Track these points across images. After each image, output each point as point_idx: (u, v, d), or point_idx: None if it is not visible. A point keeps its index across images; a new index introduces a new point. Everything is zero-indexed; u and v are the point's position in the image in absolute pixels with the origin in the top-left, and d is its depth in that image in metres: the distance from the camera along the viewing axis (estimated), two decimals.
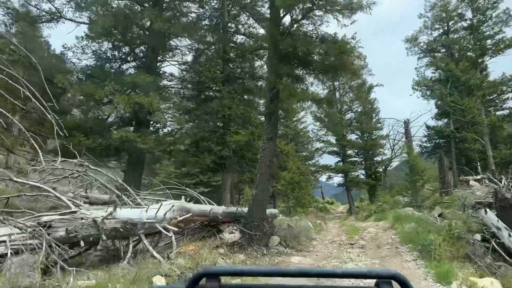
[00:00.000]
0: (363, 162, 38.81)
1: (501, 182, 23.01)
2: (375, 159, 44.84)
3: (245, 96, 20.37)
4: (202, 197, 12.80)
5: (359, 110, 38.17)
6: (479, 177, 26.68)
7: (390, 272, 0.87)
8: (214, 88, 20.02)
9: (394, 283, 0.87)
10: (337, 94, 37.75)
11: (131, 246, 9.09)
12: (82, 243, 8.00)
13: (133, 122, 16.51)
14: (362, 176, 40.61)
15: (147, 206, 9.70)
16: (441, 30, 35.16)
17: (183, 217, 10.58)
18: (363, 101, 37.38)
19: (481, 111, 25.81)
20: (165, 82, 19.11)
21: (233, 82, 20.33)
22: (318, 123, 38.89)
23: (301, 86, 12.56)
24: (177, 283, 7.09)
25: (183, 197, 11.68)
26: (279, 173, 29.57)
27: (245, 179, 41.78)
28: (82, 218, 8.13)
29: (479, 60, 29.58)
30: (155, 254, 8.98)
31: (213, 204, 12.79)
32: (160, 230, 9.57)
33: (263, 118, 18.72)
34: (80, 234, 7.96)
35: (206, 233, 12.20)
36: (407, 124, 29.41)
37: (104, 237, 8.37)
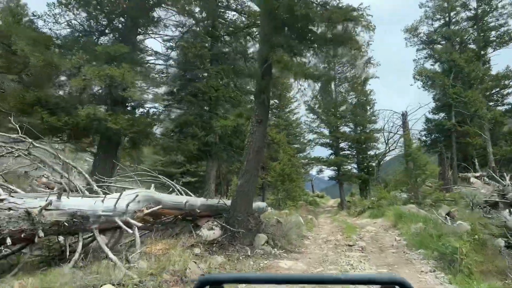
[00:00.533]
0: (356, 156, 37.14)
1: (504, 180, 21.46)
2: (369, 153, 43.36)
3: (235, 79, 18.38)
4: (178, 186, 10.88)
5: (354, 101, 36.39)
6: (478, 174, 25.17)
7: (394, 277, 0.85)
8: (201, 67, 18.00)
9: None
10: (332, 84, 35.89)
11: (80, 244, 7.17)
12: (8, 241, 6.06)
13: (108, 100, 14.46)
14: (354, 170, 38.99)
15: (103, 196, 7.76)
16: (442, 21, 33.43)
17: (151, 209, 8.67)
18: (359, 93, 35.59)
19: (485, 104, 24.20)
20: (146, 58, 17.01)
21: (222, 62, 18.33)
22: (311, 114, 36.98)
23: (298, 60, 10.62)
24: None
25: (152, 185, 9.73)
26: (270, 164, 27.70)
27: (234, 169, 39.96)
28: (10, 209, 6.18)
29: (482, 52, 27.90)
30: (110, 255, 7.08)
31: (190, 195, 10.87)
32: (120, 225, 7.65)
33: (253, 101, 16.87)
34: (6, 229, 6.03)
35: (181, 229, 10.30)
36: (405, 117, 27.74)
37: (42, 234, 6.43)
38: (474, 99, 23.35)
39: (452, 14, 32.38)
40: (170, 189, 11.87)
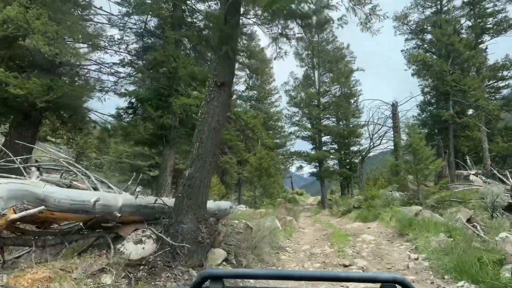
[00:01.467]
0: (339, 150, 34.02)
1: (508, 179, 18.53)
2: (352, 148, 40.38)
3: (200, 48, 14.75)
4: (92, 176, 7.16)
5: (337, 92, 33.23)
6: (473, 172, 22.34)
7: (394, 276, 0.86)
8: (159, 32, 14.31)
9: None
10: (316, 73, 32.65)
11: None
12: None
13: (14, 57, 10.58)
14: (336, 167, 35.93)
15: None
16: (434, 8, 30.59)
17: (24, 213, 5.00)
18: (342, 84, 32.43)
19: (485, 93, 21.37)
20: (90, 16, 13.15)
21: (185, 28, 14.66)
22: (292, 108, 33.51)
23: None
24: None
25: (35, 173, 6.03)
26: (244, 155, 24.23)
27: None
28: None
29: (479, 40, 25.07)
30: None
31: (112, 189, 7.20)
32: None
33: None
34: None
35: (95, 240, 6.65)
36: (395, 107, 24.75)
37: None
38: (474, 87, 20.48)
39: (444, 1, 29.58)
40: (135, 187, 8.34)
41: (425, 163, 13.75)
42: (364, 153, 36.13)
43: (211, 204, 8.66)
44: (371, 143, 35.13)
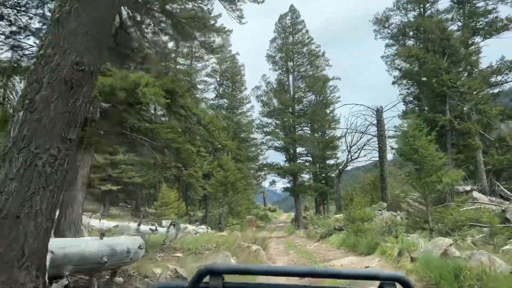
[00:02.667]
0: (314, 163, 30.26)
1: None
2: (328, 161, 36.81)
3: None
4: None
5: (314, 100, 29.67)
6: (468, 187, 18.96)
7: (395, 274, 0.85)
8: None
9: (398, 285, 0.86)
10: (290, 77, 29.07)
11: None
12: None
13: None
14: (312, 181, 32.11)
15: None
16: (417, 11, 27.86)
17: None
18: (319, 90, 28.94)
19: (488, 96, 18.21)
20: None
21: None
22: (265, 118, 29.55)
23: None
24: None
25: None
26: (197, 163, 20.16)
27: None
28: None
29: (469, 42, 22.16)
30: None
31: None
32: None
33: None
34: None
35: None
36: (380, 113, 21.34)
37: None
38: (475, 88, 17.31)
39: (427, 5, 26.89)
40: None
41: (437, 174, 10.02)
42: (341, 166, 32.57)
43: (92, 246, 4.34)
44: (349, 156, 31.64)
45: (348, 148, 31.64)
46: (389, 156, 21.58)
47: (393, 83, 32.57)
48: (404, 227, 10.18)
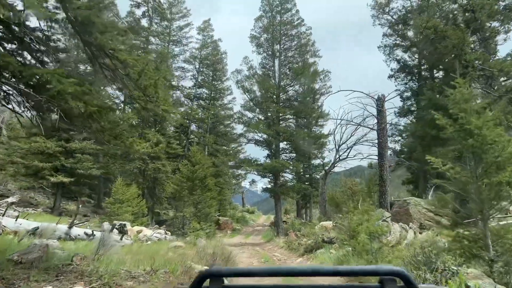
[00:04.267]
0: (299, 161, 26.04)
1: None
2: (312, 162, 32.67)
3: None
4: None
5: (301, 89, 25.45)
6: None
7: (394, 269, 0.82)
8: None
9: (398, 280, 0.83)
10: (276, 62, 24.78)
11: None
12: None
13: None
14: (295, 181, 27.86)
15: None
16: None
17: None
18: (309, 78, 24.74)
19: None
20: None
21: None
22: (247, 112, 25.03)
23: None
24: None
25: None
26: (124, 139, 15.46)
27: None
28: None
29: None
30: None
31: None
32: None
33: None
34: None
35: None
36: (382, 103, 17.29)
37: None
38: (507, 71, 13.47)
39: None
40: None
41: (499, 165, 5.89)
42: (328, 167, 28.46)
43: None
44: (337, 155, 27.57)
45: (337, 147, 27.66)
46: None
47: (390, 76, 28.79)
48: (452, 256, 5.98)
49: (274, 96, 24.01)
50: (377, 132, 17.72)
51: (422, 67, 27.29)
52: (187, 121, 35.82)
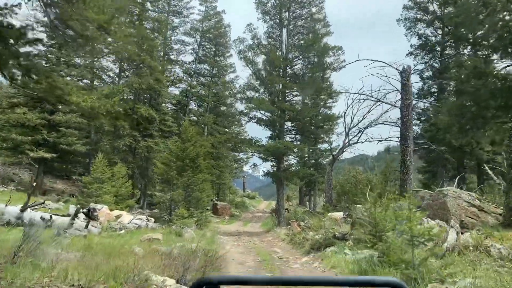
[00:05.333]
0: (305, 143, 23.18)
1: None
2: (319, 146, 29.82)
3: None
4: None
5: (311, 61, 22.35)
6: None
7: (390, 279, 0.84)
8: None
9: None
10: (284, 31, 21.67)
11: None
12: None
13: None
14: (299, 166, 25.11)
15: None
16: None
17: None
18: (320, 51, 21.63)
19: None
20: None
21: None
22: (249, 92, 21.87)
23: None
24: None
25: None
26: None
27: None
28: None
29: None
30: None
31: None
32: None
33: None
34: None
35: None
36: (408, 75, 14.29)
37: None
38: None
39: None
40: None
41: None
42: (336, 151, 25.59)
43: None
44: (347, 140, 24.65)
45: (347, 130, 24.70)
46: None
47: (409, 54, 25.62)
48: None
49: (281, 70, 20.98)
50: (400, 110, 14.75)
51: (447, 43, 24.13)
52: (186, 99, 32.91)
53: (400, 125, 14.84)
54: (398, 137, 15.85)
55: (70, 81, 15.47)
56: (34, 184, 13.75)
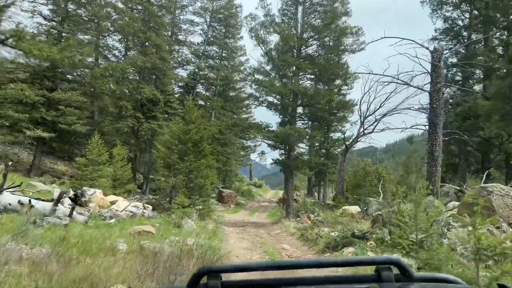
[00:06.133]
0: (320, 130, 21.45)
1: None
2: (332, 135, 28.09)
3: None
4: None
5: (327, 41, 20.46)
6: None
7: (390, 258, 0.84)
8: None
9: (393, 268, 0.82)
10: (300, 9, 19.75)
11: None
12: None
13: None
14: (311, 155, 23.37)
15: None
16: None
17: None
18: (339, 31, 19.72)
19: None
20: None
21: None
22: (257, 76, 20.03)
23: None
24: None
25: None
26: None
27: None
28: None
29: None
30: None
31: None
32: None
33: None
34: None
35: None
36: (439, 56, 12.45)
37: None
38: None
39: None
40: None
41: None
42: (350, 141, 23.87)
43: None
44: (362, 129, 22.89)
45: (362, 119, 22.91)
46: None
47: (432, 39, 23.53)
48: None
49: (295, 50, 19.15)
50: (430, 95, 12.93)
51: (475, 27, 22.04)
52: (193, 81, 31.23)
53: (428, 112, 13.04)
54: (424, 125, 14.10)
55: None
56: (10, 163, 12.31)
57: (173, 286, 3.01)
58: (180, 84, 30.86)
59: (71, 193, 11.57)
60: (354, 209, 14.95)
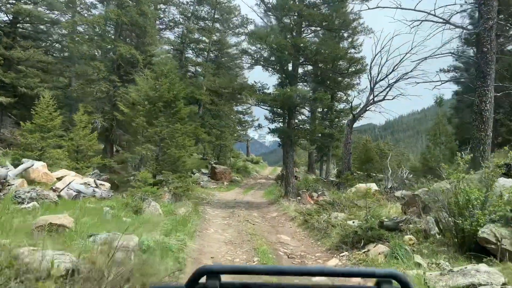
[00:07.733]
0: (328, 90, 17.88)
1: None
2: (336, 104, 24.66)
3: None
4: None
5: None
6: None
7: (391, 271, 0.80)
8: None
9: (394, 283, 0.79)
10: None
11: None
12: None
13: None
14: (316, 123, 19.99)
15: None
16: None
17: None
18: None
19: None
20: None
21: None
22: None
23: None
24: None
25: None
26: None
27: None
28: None
29: None
30: None
31: None
32: None
33: None
34: None
35: None
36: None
37: None
38: None
39: None
40: None
41: None
42: (358, 110, 20.51)
43: None
44: (372, 96, 19.46)
45: (372, 84, 19.43)
46: None
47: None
48: None
49: (296, 1, 15.38)
50: (478, 35, 9.42)
51: None
52: (182, 44, 27.39)
53: (477, 58, 9.54)
54: (464, 79, 10.63)
55: None
56: None
57: (169, 284, 2.50)
58: (166, 47, 27.06)
59: None
60: (370, 186, 11.66)
